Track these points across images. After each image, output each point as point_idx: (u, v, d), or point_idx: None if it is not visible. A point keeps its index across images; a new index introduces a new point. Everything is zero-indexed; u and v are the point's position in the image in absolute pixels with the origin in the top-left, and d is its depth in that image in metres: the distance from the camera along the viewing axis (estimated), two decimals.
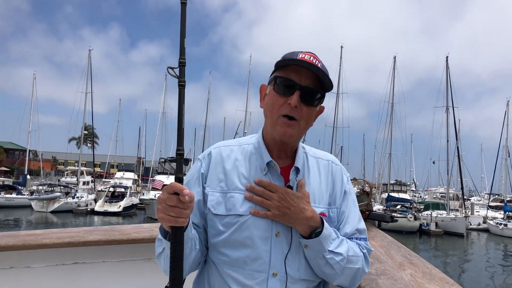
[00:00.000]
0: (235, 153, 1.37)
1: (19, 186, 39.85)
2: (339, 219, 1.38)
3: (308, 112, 1.30)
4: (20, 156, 57.48)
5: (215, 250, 1.30)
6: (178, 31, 1.15)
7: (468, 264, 21.93)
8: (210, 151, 1.39)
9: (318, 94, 1.30)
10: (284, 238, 1.27)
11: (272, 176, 1.32)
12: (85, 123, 47.54)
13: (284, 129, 1.28)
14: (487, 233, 35.39)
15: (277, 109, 1.29)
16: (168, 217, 1.08)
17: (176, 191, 1.07)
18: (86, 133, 49.74)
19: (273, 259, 1.24)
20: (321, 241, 1.23)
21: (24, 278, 2.25)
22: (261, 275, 1.24)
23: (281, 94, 1.28)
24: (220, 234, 1.27)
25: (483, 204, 48.42)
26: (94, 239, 2.22)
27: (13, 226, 27.00)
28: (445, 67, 41.19)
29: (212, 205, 1.29)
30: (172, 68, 1.15)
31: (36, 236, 2.19)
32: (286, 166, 1.35)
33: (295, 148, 1.39)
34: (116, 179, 44.78)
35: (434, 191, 58.34)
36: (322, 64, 1.29)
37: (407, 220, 31.77)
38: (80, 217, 32.12)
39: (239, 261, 1.25)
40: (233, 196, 1.29)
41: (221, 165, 1.34)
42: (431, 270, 1.78)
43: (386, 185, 46.27)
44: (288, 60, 1.27)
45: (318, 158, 1.44)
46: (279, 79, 1.29)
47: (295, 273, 1.26)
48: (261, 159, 1.34)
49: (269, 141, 1.36)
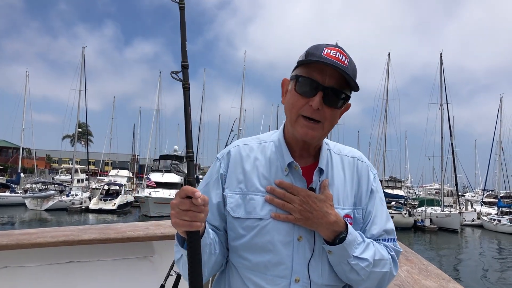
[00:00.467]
0: (255, 152, 1.31)
1: (13, 184, 39.57)
2: (365, 220, 1.31)
3: (332, 114, 1.22)
4: (14, 154, 57.04)
5: (236, 253, 1.25)
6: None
7: (462, 260, 22.07)
8: (229, 150, 1.33)
9: (343, 94, 1.21)
10: (306, 243, 1.21)
11: (294, 177, 1.25)
12: (79, 120, 47.41)
13: (305, 130, 1.21)
14: (481, 229, 35.67)
15: (297, 109, 1.22)
16: (183, 222, 1.04)
17: (189, 194, 1.03)
18: (80, 130, 49.54)
19: (296, 264, 1.19)
20: (345, 247, 1.17)
21: (19, 278, 2.23)
22: (283, 280, 1.19)
23: (303, 94, 1.20)
24: (240, 238, 1.23)
25: (477, 200, 48.82)
26: (89, 237, 2.20)
27: (7, 225, 26.85)
28: (439, 64, 41.33)
29: (232, 208, 1.24)
30: (176, 73, 1.14)
31: (31, 235, 2.17)
32: (308, 165, 1.29)
33: (319, 146, 1.32)
34: (110, 176, 44.72)
35: (428, 187, 58.52)
36: (350, 59, 1.21)
37: (402, 216, 31.99)
38: (75, 215, 32.01)
39: (260, 265, 1.20)
40: (253, 199, 1.23)
41: (240, 165, 1.29)
42: (428, 267, 1.78)
43: (381, 182, 46.31)
44: (311, 59, 1.18)
45: (342, 155, 1.36)
46: (301, 78, 1.21)
47: (318, 278, 1.21)
48: (282, 159, 1.27)
49: (291, 140, 1.30)
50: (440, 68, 41.00)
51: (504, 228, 32.90)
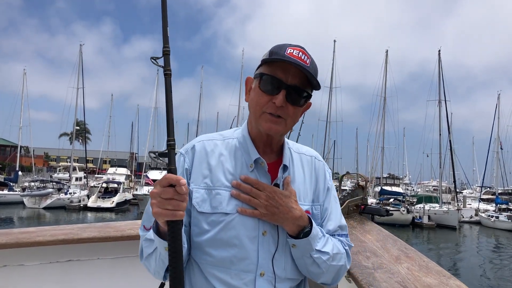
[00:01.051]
0: (219, 147, 1.32)
1: (11, 182, 39.52)
2: (322, 216, 1.36)
3: (294, 111, 1.26)
4: (12, 152, 56.90)
5: (199, 249, 1.24)
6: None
7: (460, 256, 22.17)
8: (193, 145, 1.33)
9: (305, 93, 1.26)
10: (270, 237, 1.24)
11: (259, 173, 1.28)
12: (77, 118, 47.32)
13: (269, 125, 1.24)
14: (479, 226, 35.78)
15: (261, 106, 1.25)
16: (166, 211, 1.02)
17: (172, 182, 1.02)
18: (78, 128, 49.44)
19: (261, 258, 1.22)
20: (309, 241, 1.22)
21: (18, 277, 2.23)
22: (248, 275, 1.21)
23: (266, 92, 1.24)
24: (204, 233, 1.23)
25: (475, 197, 48.91)
26: (89, 236, 2.20)
27: (5, 222, 26.83)
28: (438, 61, 41.44)
29: (197, 203, 1.24)
30: (156, 58, 1.12)
31: (30, 234, 2.16)
32: (272, 162, 1.32)
33: (281, 144, 1.36)
34: (108, 174, 44.75)
35: (426, 184, 58.74)
36: (312, 60, 1.24)
37: (400, 213, 32.02)
38: (73, 213, 32.02)
39: (225, 261, 1.21)
40: (219, 193, 1.24)
41: (205, 160, 1.29)
42: (428, 264, 1.78)
43: (379, 179, 46.51)
44: (275, 57, 1.21)
45: (301, 154, 1.41)
46: (265, 76, 1.24)
47: (281, 272, 1.24)
48: (248, 155, 1.30)
49: (255, 136, 1.32)
50: (439, 65, 41.14)
51: (502, 224, 33.03)
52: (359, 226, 2.57)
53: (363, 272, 1.68)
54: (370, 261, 1.84)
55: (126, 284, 2.44)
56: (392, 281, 1.58)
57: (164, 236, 1.10)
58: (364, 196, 2.91)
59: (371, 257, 1.90)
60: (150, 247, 1.21)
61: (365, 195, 2.92)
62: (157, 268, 1.21)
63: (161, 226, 1.11)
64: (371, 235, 2.34)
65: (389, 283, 1.55)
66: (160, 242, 1.13)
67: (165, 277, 1.24)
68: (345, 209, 2.78)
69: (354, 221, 2.69)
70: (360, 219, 2.75)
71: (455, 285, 1.52)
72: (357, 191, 2.92)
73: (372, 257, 1.89)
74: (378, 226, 2.58)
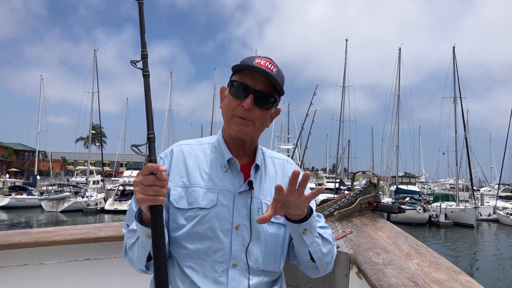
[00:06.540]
0: (196, 151, 1.43)
1: (29, 186, 40.21)
2: None
3: (262, 114, 1.36)
4: (30, 157, 57.80)
5: (176, 244, 1.32)
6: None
7: (478, 255, 21.81)
8: (172, 149, 1.44)
9: (271, 98, 1.36)
10: (244, 230, 1.32)
11: (232, 173, 1.38)
12: (93, 122, 47.87)
13: (239, 127, 1.34)
14: (497, 224, 35.16)
15: (231, 109, 1.35)
16: (148, 197, 1.10)
17: (153, 170, 1.11)
18: (93, 132, 50.00)
19: (234, 250, 1.29)
20: (315, 217, 1.31)
21: (38, 275, 2.30)
22: (221, 265, 1.28)
23: (236, 96, 1.34)
24: (181, 228, 1.31)
25: (493, 194, 48.05)
26: (105, 235, 2.25)
27: (24, 226, 27.26)
28: (452, 57, 40.88)
29: (175, 199, 1.33)
30: (135, 62, 1.25)
31: (48, 233, 2.23)
32: (245, 164, 1.42)
33: (253, 147, 1.47)
34: (125, 177, 45.02)
35: (443, 182, 57.83)
36: (278, 69, 1.36)
37: (417, 212, 31.60)
38: (90, 216, 32.35)
39: (200, 252, 1.28)
40: (195, 190, 1.33)
41: (182, 161, 1.39)
42: (438, 259, 1.78)
43: (395, 177, 46.05)
44: (244, 65, 1.33)
45: (273, 158, 1.53)
46: (235, 83, 1.35)
47: (254, 263, 1.31)
48: (222, 157, 1.40)
49: (228, 140, 1.43)
50: (453, 62, 40.59)
51: None
52: (371, 224, 2.57)
53: (373, 268, 1.69)
54: (381, 257, 1.85)
55: (142, 282, 2.49)
56: (402, 276, 1.59)
57: (147, 223, 1.17)
58: (376, 194, 2.91)
59: (381, 253, 1.91)
60: (133, 237, 1.28)
61: (377, 192, 2.92)
62: (139, 256, 1.28)
63: (144, 215, 1.19)
64: (383, 232, 2.35)
65: (399, 278, 1.56)
66: (142, 229, 1.20)
67: (147, 267, 1.32)
68: (357, 207, 2.79)
69: (366, 219, 2.69)
70: (372, 216, 2.76)
71: (464, 281, 1.51)
72: (370, 188, 2.92)
73: (382, 254, 1.90)
74: (390, 223, 2.58)
